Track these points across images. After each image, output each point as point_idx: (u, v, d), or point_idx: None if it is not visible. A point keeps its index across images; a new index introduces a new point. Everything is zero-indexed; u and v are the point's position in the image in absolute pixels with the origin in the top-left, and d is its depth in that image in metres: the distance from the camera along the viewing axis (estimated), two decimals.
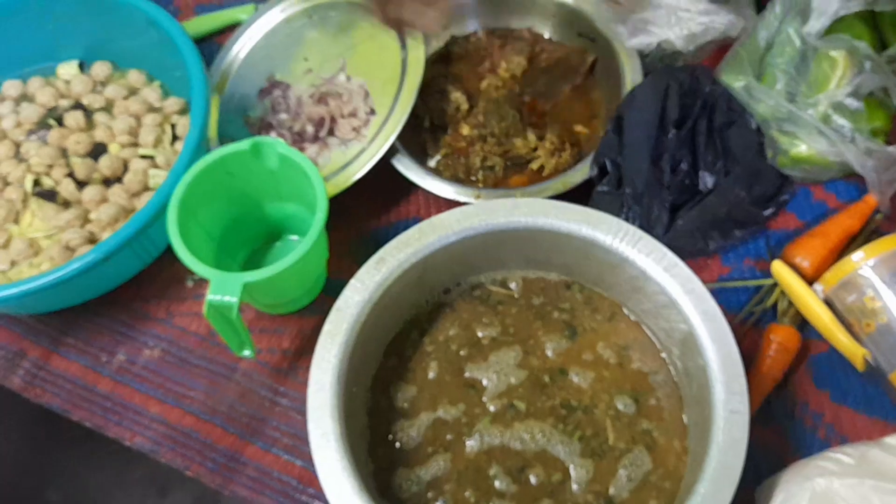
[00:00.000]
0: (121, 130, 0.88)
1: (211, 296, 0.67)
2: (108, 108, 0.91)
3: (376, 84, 0.87)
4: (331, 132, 0.86)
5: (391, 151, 0.82)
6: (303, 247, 0.69)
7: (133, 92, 0.93)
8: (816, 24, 0.83)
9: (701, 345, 0.63)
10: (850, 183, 0.83)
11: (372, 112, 0.85)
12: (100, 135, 0.88)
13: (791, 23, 0.84)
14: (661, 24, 0.83)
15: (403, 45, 0.86)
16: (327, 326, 0.65)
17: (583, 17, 0.90)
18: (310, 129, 0.86)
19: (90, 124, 0.90)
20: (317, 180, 0.72)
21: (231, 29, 0.99)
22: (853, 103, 0.81)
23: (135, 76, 0.93)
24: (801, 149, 0.81)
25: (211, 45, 1.00)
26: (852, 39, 0.81)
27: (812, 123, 0.79)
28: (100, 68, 0.94)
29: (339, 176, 0.81)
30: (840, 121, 0.80)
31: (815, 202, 0.83)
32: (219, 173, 0.75)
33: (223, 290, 0.67)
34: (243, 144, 0.74)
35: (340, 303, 0.66)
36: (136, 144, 0.88)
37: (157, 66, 0.93)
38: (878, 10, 0.82)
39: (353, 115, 0.85)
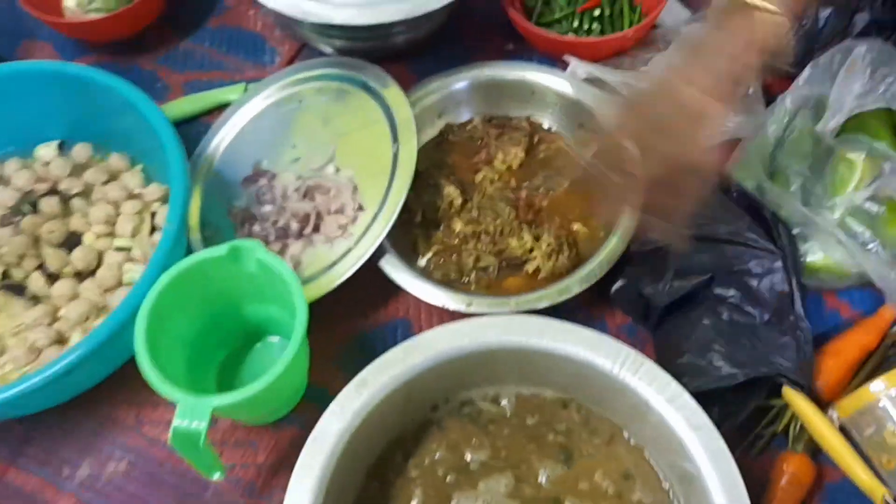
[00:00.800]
0: (97, 219, 0.84)
1: (177, 421, 0.62)
2: (86, 193, 0.87)
3: (366, 177, 0.82)
4: (316, 229, 0.81)
5: (379, 250, 0.78)
6: (279, 367, 0.64)
7: (114, 177, 0.88)
8: (831, 122, 0.79)
9: (707, 488, 0.58)
10: (865, 290, 0.77)
11: (360, 208, 0.80)
12: (75, 223, 0.84)
13: (803, 120, 0.80)
14: None
15: (395, 139, 0.81)
16: (303, 459, 0.60)
17: (583, 108, 0.86)
18: (294, 225, 0.81)
19: (66, 210, 0.86)
20: (297, 291, 0.67)
21: (220, 109, 0.95)
22: (873, 207, 0.76)
23: (116, 160, 0.89)
24: (817, 257, 0.76)
25: (199, 125, 0.96)
26: (870, 139, 0.78)
27: (830, 230, 0.74)
28: (80, 150, 0.90)
29: (324, 277, 0.77)
30: (857, 227, 0.75)
31: (828, 312, 0.78)
32: (194, 278, 0.70)
33: (191, 414, 0.62)
34: (221, 249, 0.70)
35: (317, 432, 0.61)
36: (112, 234, 0.84)
37: (139, 149, 0.88)
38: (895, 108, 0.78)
39: (340, 211, 0.80)
